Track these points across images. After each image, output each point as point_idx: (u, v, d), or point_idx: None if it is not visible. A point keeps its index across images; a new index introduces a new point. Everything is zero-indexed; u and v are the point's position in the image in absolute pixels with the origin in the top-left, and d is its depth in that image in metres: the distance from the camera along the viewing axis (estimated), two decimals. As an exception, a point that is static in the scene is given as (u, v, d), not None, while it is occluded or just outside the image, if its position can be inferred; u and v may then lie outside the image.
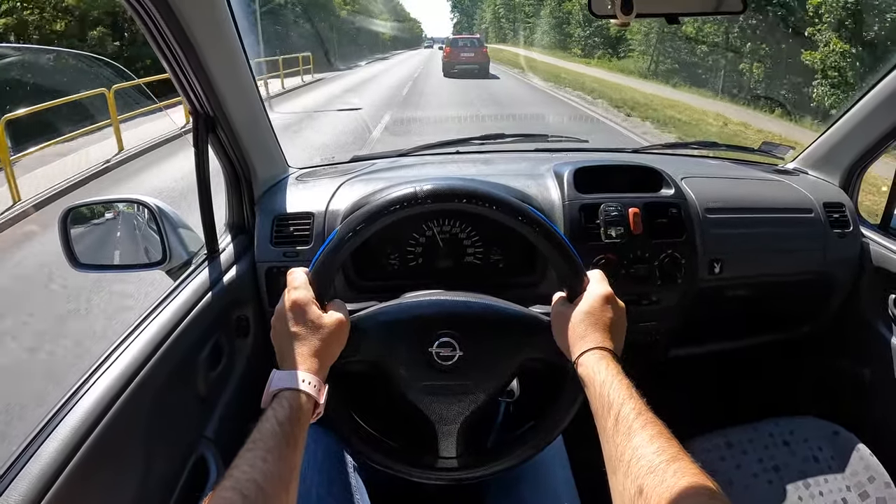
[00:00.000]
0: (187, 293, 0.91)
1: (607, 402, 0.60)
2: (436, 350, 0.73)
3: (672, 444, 0.55)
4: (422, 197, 0.70)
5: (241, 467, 0.54)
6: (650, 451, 0.54)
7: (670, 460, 0.52)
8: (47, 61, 5.63)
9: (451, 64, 17.12)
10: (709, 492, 0.50)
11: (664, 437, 0.56)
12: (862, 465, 1.05)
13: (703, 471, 0.52)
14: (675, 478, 0.51)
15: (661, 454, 0.53)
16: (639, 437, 0.56)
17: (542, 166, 1.21)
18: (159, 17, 0.74)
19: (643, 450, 0.54)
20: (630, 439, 0.56)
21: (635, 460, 0.54)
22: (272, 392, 0.63)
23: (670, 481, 0.50)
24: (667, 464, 0.52)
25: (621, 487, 0.54)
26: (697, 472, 0.51)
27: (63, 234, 1.00)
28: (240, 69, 0.95)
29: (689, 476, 0.51)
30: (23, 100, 5.66)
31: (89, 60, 5.23)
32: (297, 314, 0.67)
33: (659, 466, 0.52)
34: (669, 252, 1.09)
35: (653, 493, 0.50)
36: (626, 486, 0.53)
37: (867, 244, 1.25)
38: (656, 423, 0.57)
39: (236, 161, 1.04)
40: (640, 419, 0.57)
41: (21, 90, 5.86)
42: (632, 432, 0.56)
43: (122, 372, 0.73)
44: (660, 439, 0.55)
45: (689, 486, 0.50)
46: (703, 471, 0.52)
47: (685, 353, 1.28)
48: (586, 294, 0.71)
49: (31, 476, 0.59)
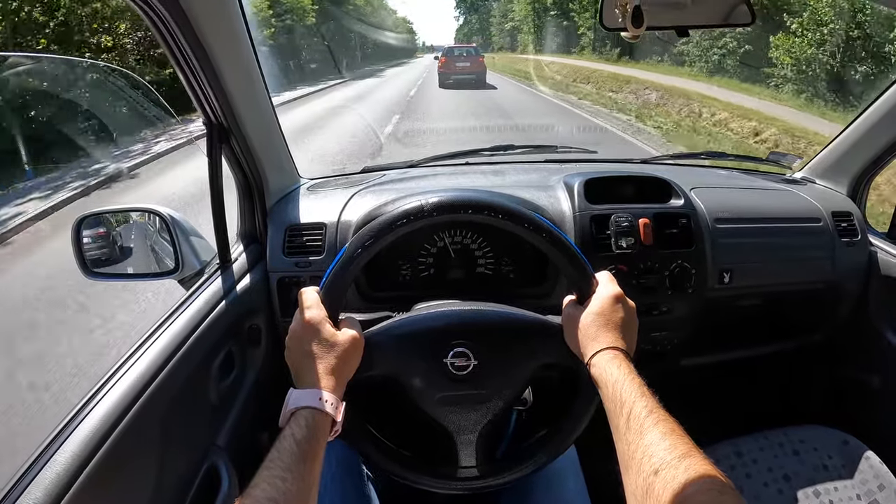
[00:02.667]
0: (200, 302, 0.91)
1: (620, 400, 0.61)
2: (450, 360, 0.73)
3: (684, 441, 0.55)
4: (428, 210, 0.71)
5: (260, 486, 0.55)
6: (662, 448, 0.54)
7: (682, 456, 0.53)
8: (63, 70, 5.66)
9: (446, 75, 15.97)
10: (720, 486, 0.50)
11: (676, 433, 0.56)
12: (872, 474, 1.05)
13: (714, 466, 0.52)
14: (686, 473, 0.51)
15: (672, 450, 0.53)
16: (650, 434, 0.56)
17: (552, 177, 1.22)
18: (175, 27, 0.75)
19: (655, 447, 0.55)
20: (642, 437, 0.56)
21: (647, 457, 0.54)
22: (290, 411, 0.63)
23: (682, 477, 0.51)
24: (678, 460, 0.52)
25: (634, 485, 0.54)
26: (709, 468, 0.52)
27: (76, 242, 1.00)
28: (254, 79, 0.96)
29: (700, 471, 0.51)
30: (37, 108, 5.69)
31: (105, 70, 5.25)
32: (310, 333, 0.68)
33: (671, 462, 0.52)
34: (679, 262, 1.09)
35: (665, 489, 0.51)
36: (637, 483, 0.54)
37: (875, 253, 1.25)
38: (668, 420, 0.58)
39: (249, 171, 1.05)
40: (651, 417, 0.58)
41: (36, 99, 5.90)
42: (644, 430, 0.57)
43: (136, 380, 0.73)
44: (671, 436, 0.55)
45: (701, 482, 0.50)
46: (715, 466, 0.52)
47: (696, 363, 1.28)
48: (596, 295, 0.72)
49: (45, 483, 0.59)
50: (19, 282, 3.56)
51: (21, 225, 4.40)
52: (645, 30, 0.82)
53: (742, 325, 1.33)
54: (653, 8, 0.82)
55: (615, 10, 0.84)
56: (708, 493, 0.49)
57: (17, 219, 4.50)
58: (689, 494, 0.49)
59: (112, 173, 5.72)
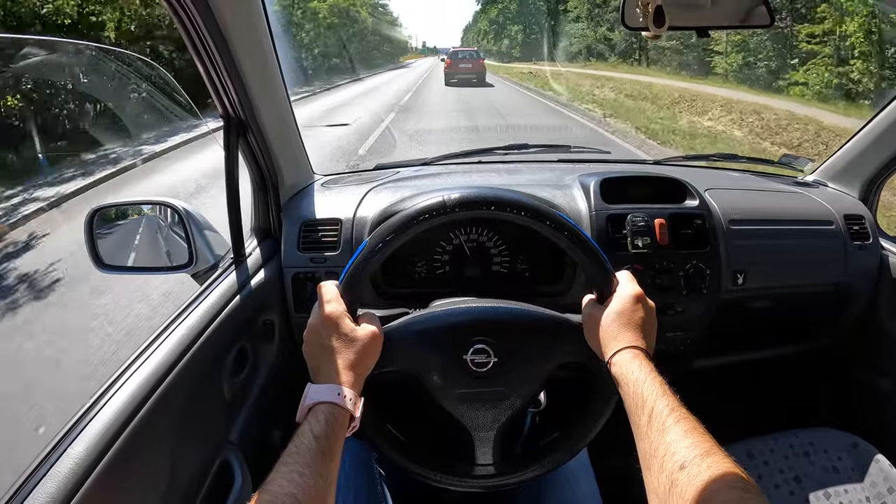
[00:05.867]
0: (215, 297, 0.91)
1: (641, 399, 0.61)
2: (470, 357, 0.73)
3: (706, 439, 0.55)
4: (450, 205, 0.70)
5: (278, 481, 0.54)
6: (684, 446, 0.54)
7: (704, 454, 0.53)
8: (85, 58, 5.63)
9: (451, 74, 18.98)
10: (743, 484, 0.50)
11: (698, 431, 0.56)
12: (881, 476, 1.06)
13: (736, 464, 0.52)
14: (709, 471, 0.51)
15: (694, 448, 0.53)
16: (672, 432, 0.56)
17: (566, 177, 1.22)
18: (199, 20, 0.75)
19: (676, 445, 0.55)
20: (664, 435, 0.56)
21: (669, 455, 0.54)
22: (307, 406, 0.62)
23: (704, 475, 0.51)
24: (700, 458, 0.52)
25: (656, 483, 0.54)
26: (731, 466, 0.51)
27: (89, 234, 1.00)
28: (272, 75, 0.96)
29: (723, 469, 0.51)
30: (61, 96, 5.65)
31: (129, 58, 5.24)
32: (330, 328, 0.67)
33: (693, 461, 0.52)
34: (694, 263, 1.09)
35: (687, 487, 0.51)
36: (660, 481, 0.54)
37: (886, 256, 1.26)
38: (689, 418, 0.58)
39: (264, 166, 1.04)
40: (673, 415, 0.58)
41: (57, 87, 5.88)
42: (665, 428, 0.57)
43: (150, 374, 0.73)
44: (693, 434, 0.55)
45: (723, 479, 0.50)
46: (737, 464, 0.52)
47: (708, 364, 1.28)
48: (616, 295, 0.72)
49: (59, 476, 0.59)
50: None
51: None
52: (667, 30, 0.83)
53: (754, 327, 1.33)
54: (674, 8, 0.82)
55: (636, 9, 0.84)
56: (731, 491, 0.49)
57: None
58: (713, 492, 0.49)
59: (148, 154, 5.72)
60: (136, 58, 5.57)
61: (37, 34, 7.95)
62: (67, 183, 5.25)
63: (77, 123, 6.26)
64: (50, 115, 6.20)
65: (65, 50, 5.41)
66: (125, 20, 9.75)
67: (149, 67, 4.26)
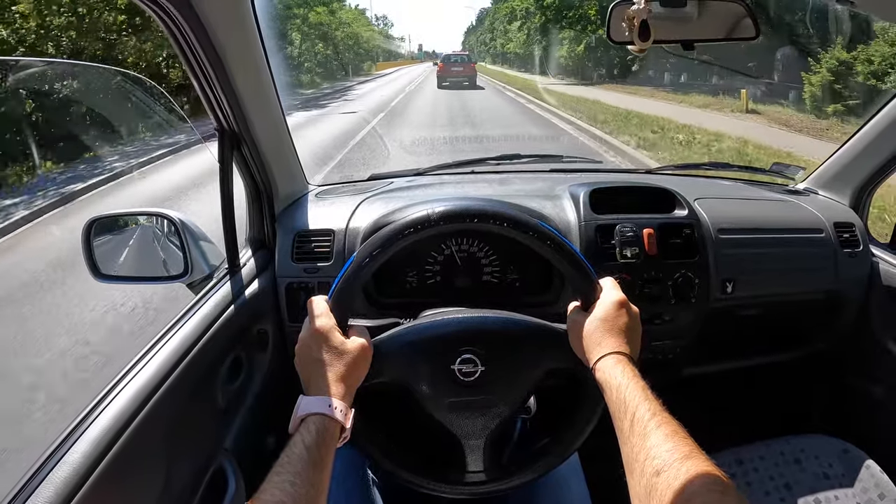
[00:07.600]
0: (209, 306, 0.92)
1: (624, 404, 0.62)
2: (458, 367, 0.74)
3: (686, 443, 0.56)
4: (435, 219, 0.72)
5: (270, 490, 0.56)
6: (664, 450, 0.55)
7: (683, 458, 0.54)
8: (74, 75, 5.70)
9: (443, 77, 19.94)
10: (722, 487, 0.51)
11: (679, 435, 0.57)
12: (872, 483, 1.06)
13: (716, 467, 0.53)
14: (688, 474, 0.52)
15: (674, 452, 0.54)
16: (654, 436, 0.57)
17: (557, 187, 1.23)
18: (191, 34, 0.77)
19: (657, 449, 0.56)
20: (645, 439, 0.57)
21: (650, 459, 0.55)
22: (300, 417, 0.64)
23: (684, 477, 0.52)
24: (680, 461, 0.53)
25: (637, 486, 0.55)
26: (711, 469, 0.52)
27: (86, 244, 1.01)
28: (266, 87, 0.97)
29: (702, 472, 0.52)
30: (51, 111, 5.71)
31: (116, 75, 5.29)
32: (320, 342, 0.69)
33: (673, 464, 0.53)
34: (683, 272, 1.10)
35: (667, 490, 0.52)
36: (641, 484, 0.55)
37: (877, 263, 1.26)
38: (671, 422, 0.59)
39: (259, 177, 1.06)
40: (654, 420, 0.59)
41: (50, 102, 5.93)
42: (647, 433, 0.58)
43: (146, 382, 0.74)
44: (674, 438, 0.56)
45: (703, 482, 0.51)
46: (717, 467, 0.53)
47: (699, 372, 1.29)
48: (600, 301, 0.73)
49: (56, 482, 0.60)
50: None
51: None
52: (651, 44, 0.84)
53: (744, 335, 1.34)
54: (659, 22, 0.84)
55: (622, 23, 0.85)
56: (710, 494, 0.50)
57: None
58: (691, 495, 0.50)
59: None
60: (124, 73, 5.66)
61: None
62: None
63: (67, 135, 6.30)
64: (41, 129, 6.24)
65: (60, 69, 5.48)
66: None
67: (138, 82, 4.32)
